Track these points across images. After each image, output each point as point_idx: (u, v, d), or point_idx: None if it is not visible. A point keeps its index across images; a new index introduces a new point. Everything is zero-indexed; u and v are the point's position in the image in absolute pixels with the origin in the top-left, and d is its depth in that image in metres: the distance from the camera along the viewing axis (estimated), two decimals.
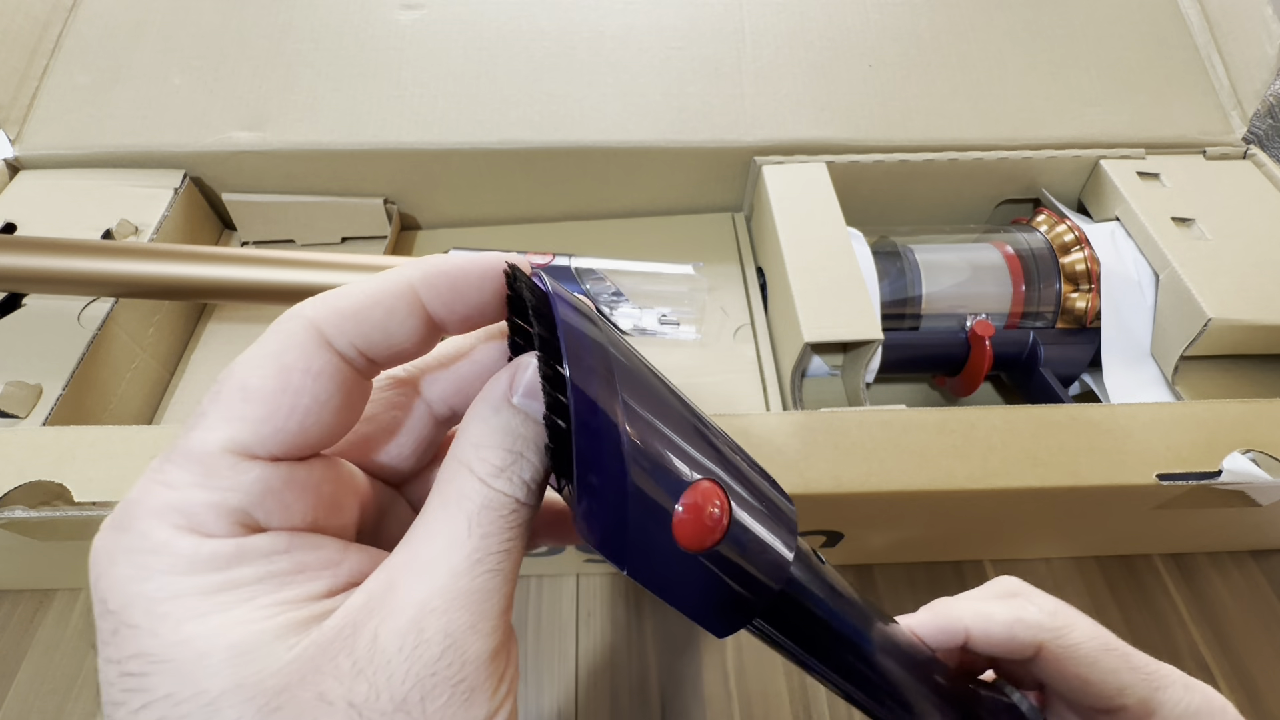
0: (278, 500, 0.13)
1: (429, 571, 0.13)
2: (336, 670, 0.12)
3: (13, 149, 0.44)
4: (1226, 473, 0.31)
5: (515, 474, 0.14)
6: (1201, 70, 0.48)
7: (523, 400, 0.14)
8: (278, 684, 0.11)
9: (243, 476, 0.13)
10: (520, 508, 0.14)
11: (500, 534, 0.13)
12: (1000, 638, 0.20)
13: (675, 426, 0.15)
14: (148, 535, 0.12)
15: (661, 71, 0.47)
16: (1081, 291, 0.43)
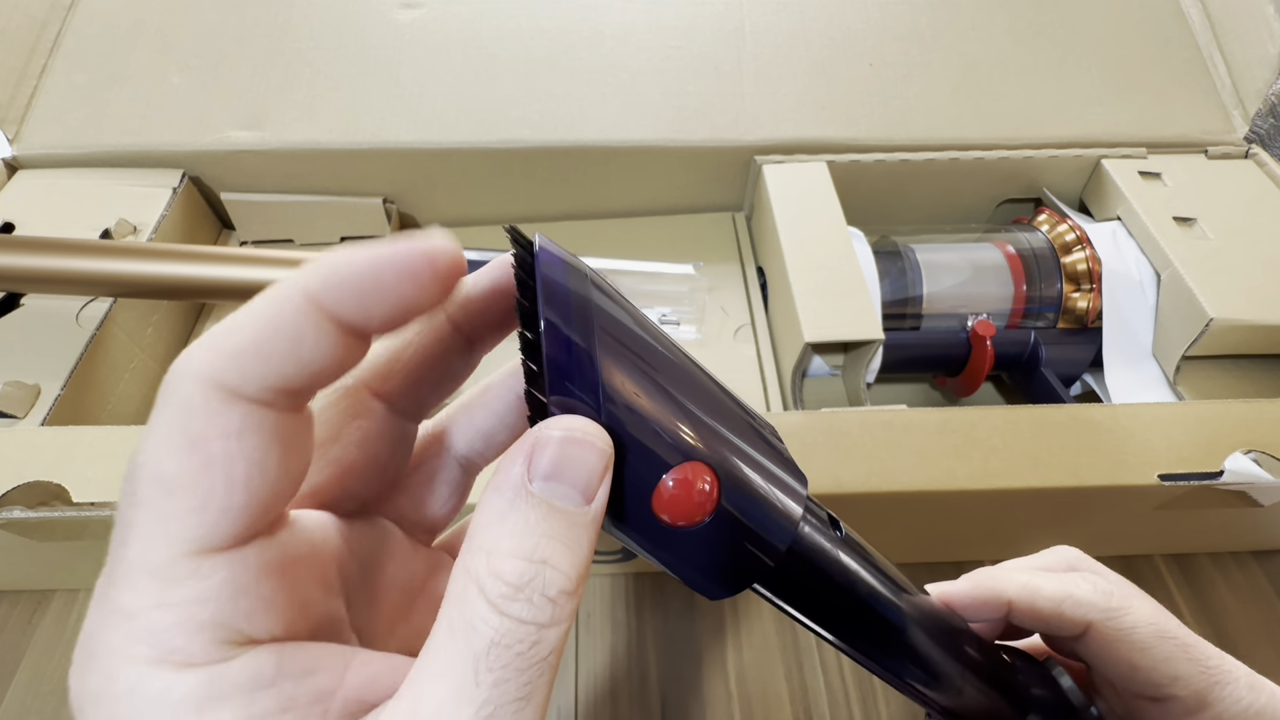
0: (255, 596, 0.11)
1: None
2: None
3: (11, 148, 0.44)
4: (1228, 473, 0.31)
5: (538, 591, 0.11)
6: (1203, 69, 0.48)
7: (543, 487, 0.12)
8: None
9: (209, 580, 0.10)
10: (546, 633, 0.11)
11: (519, 677, 0.11)
12: (1047, 614, 0.19)
13: (668, 403, 0.13)
14: (113, 678, 0.10)
15: (661, 71, 0.47)
16: (1083, 291, 0.43)
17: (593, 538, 0.12)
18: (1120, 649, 0.18)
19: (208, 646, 0.10)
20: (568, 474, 0.12)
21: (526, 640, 0.11)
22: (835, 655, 0.38)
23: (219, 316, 0.47)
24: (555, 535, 0.11)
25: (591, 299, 0.13)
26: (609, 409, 0.13)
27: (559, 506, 0.12)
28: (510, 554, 0.11)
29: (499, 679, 0.11)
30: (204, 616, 0.10)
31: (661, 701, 0.37)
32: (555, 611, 0.11)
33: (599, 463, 0.12)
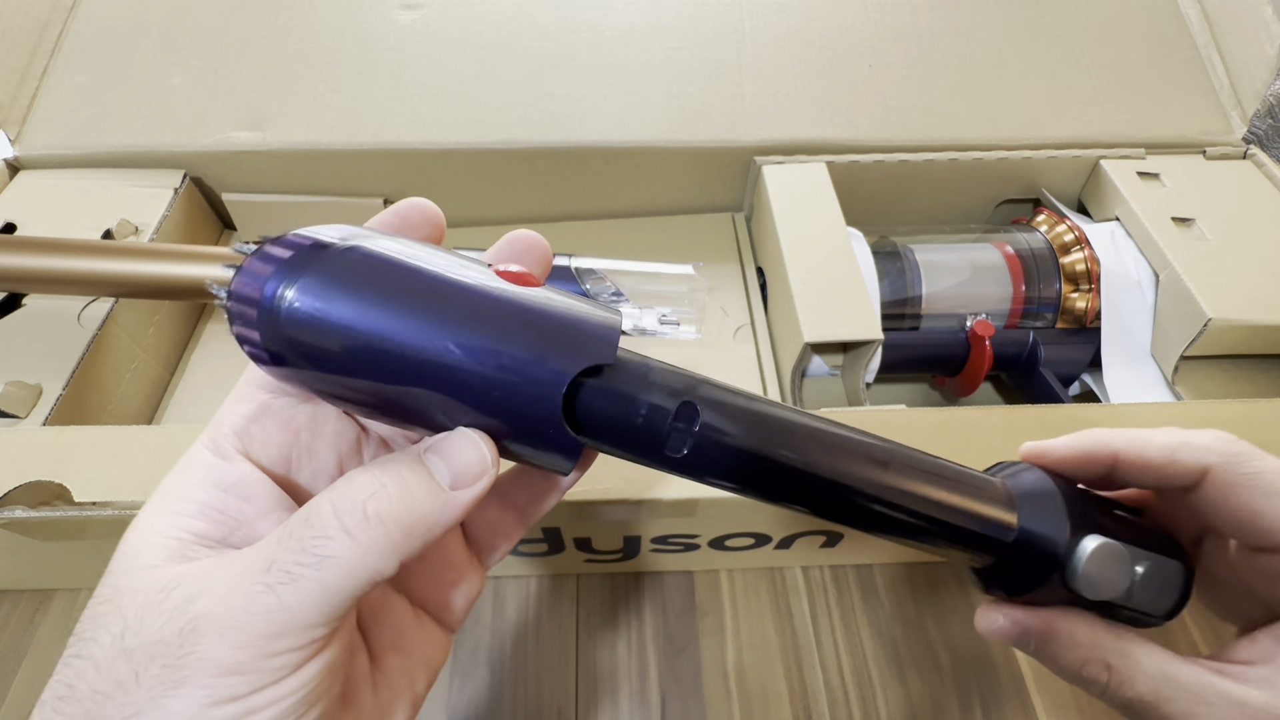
0: (262, 430, 0.16)
1: (238, 559, 0.14)
2: (139, 600, 0.14)
3: (13, 149, 0.44)
4: None
5: (359, 498, 0.14)
6: (1201, 70, 0.48)
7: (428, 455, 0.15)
8: (122, 583, 0.14)
9: (247, 403, 0.16)
10: (340, 536, 0.14)
11: (296, 553, 0.13)
12: (1157, 460, 0.18)
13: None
14: (189, 450, 0.16)
15: (661, 71, 0.47)
16: (1081, 291, 0.43)
17: (435, 512, 0.15)
18: (1242, 494, 0.17)
19: (223, 446, 0.16)
20: (448, 456, 0.15)
21: (323, 529, 0.14)
22: (835, 654, 0.38)
23: (220, 317, 0.48)
24: (406, 480, 0.15)
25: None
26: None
27: (429, 469, 0.15)
28: (370, 472, 0.15)
29: (287, 546, 0.14)
30: (235, 424, 0.17)
31: (661, 701, 0.37)
32: (359, 525, 0.14)
33: (475, 465, 0.15)
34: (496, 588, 0.40)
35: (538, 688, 0.37)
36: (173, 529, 0.15)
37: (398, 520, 0.14)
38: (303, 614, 0.13)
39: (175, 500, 0.15)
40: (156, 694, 0.13)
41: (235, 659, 0.13)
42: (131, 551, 0.15)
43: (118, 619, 0.14)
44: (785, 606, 0.40)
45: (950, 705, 0.37)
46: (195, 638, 0.13)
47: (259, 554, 0.14)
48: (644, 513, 0.32)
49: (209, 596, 0.13)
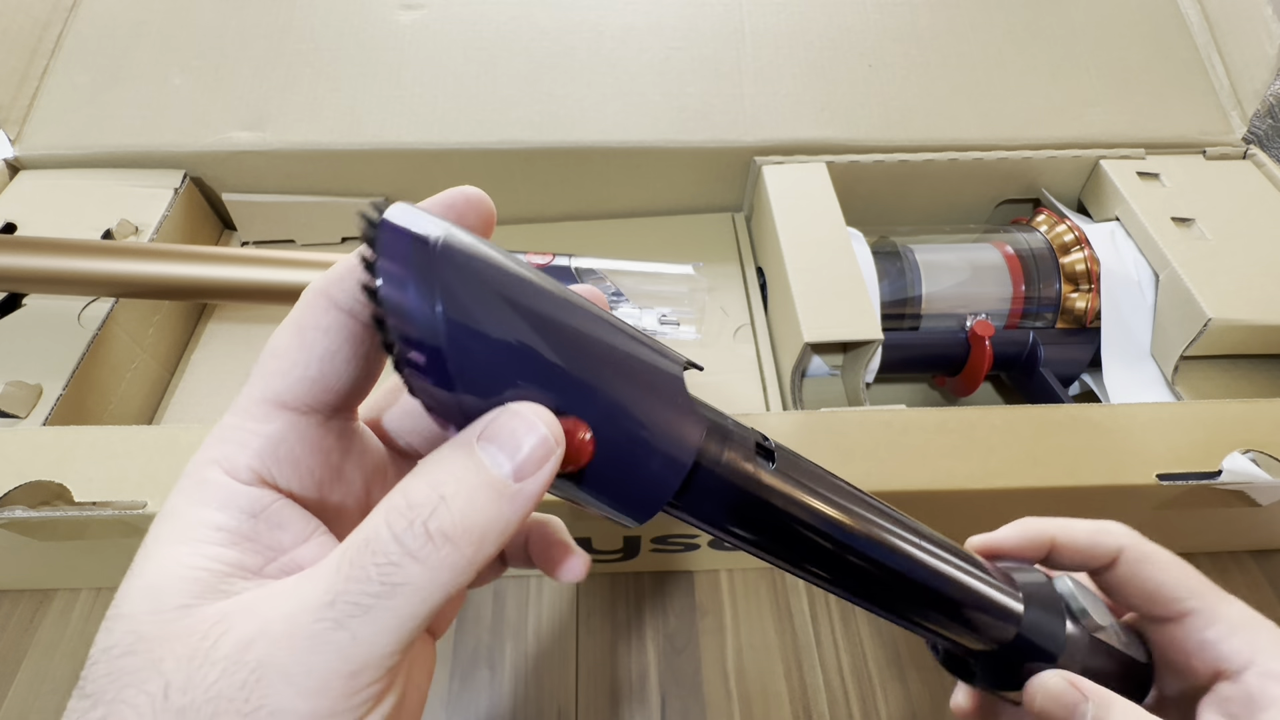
0: (289, 453, 0.14)
1: (290, 595, 0.12)
2: (178, 650, 0.12)
3: (13, 149, 0.44)
4: (1226, 473, 0.31)
5: (421, 518, 0.12)
6: (1201, 70, 0.48)
7: (481, 446, 0.13)
8: (149, 631, 0.12)
9: (270, 424, 0.14)
10: (406, 561, 0.12)
11: (366, 585, 0.12)
12: (1084, 544, 0.22)
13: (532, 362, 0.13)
14: (192, 467, 0.14)
15: (661, 71, 0.47)
16: (1081, 291, 0.43)
17: (505, 512, 0.13)
18: (1146, 568, 0.21)
19: (241, 469, 0.14)
20: (504, 443, 0.13)
21: (389, 557, 0.12)
22: (835, 654, 0.38)
23: (220, 317, 0.48)
24: (466, 483, 0.13)
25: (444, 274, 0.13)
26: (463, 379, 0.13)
27: (486, 464, 0.13)
28: (424, 479, 0.13)
29: (351, 577, 0.12)
30: (254, 445, 0.14)
31: (661, 701, 0.37)
32: (425, 546, 0.12)
33: (539, 449, 0.13)
34: (496, 588, 0.40)
35: (538, 688, 0.37)
36: (200, 559, 0.13)
37: (467, 534, 0.12)
38: (379, 646, 0.12)
39: (197, 528, 0.13)
40: None
41: (312, 707, 0.12)
42: (150, 589, 0.13)
43: (154, 675, 0.12)
44: (785, 606, 0.40)
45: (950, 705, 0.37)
46: (262, 689, 0.12)
47: (315, 587, 0.12)
48: None
49: (266, 641, 0.12)
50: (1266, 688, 0.20)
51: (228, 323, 0.47)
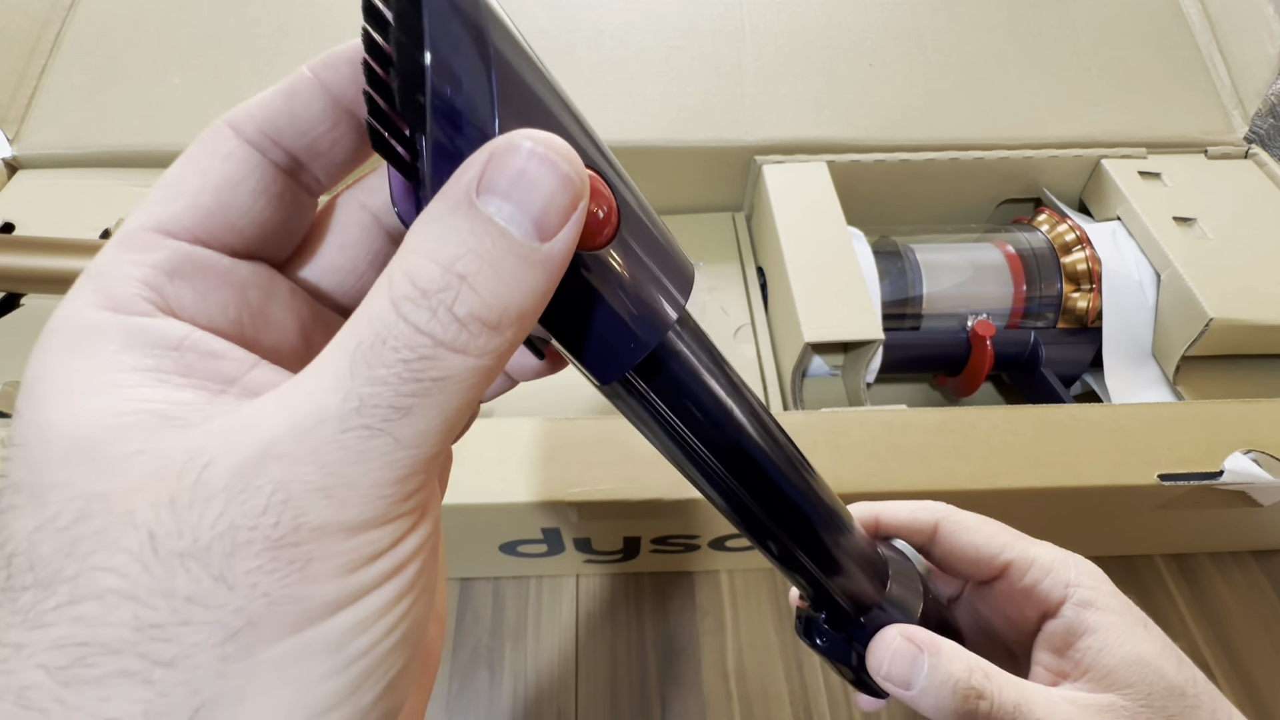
0: (191, 285, 0.12)
1: (290, 411, 0.10)
2: (154, 493, 0.10)
3: (11, 148, 0.44)
4: (1228, 473, 0.31)
5: (445, 304, 0.10)
6: (1203, 69, 0.48)
7: (490, 201, 0.11)
8: (100, 488, 0.10)
9: (155, 252, 0.12)
10: (444, 353, 0.10)
11: (400, 385, 0.10)
12: (904, 518, 0.24)
13: (563, 119, 0.12)
14: (60, 316, 0.11)
15: (661, 71, 0.47)
16: (1083, 291, 0.43)
17: (538, 282, 0.11)
18: (961, 534, 0.23)
19: (136, 301, 0.11)
20: (521, 196, 0.11)
21: (417, 351, 0.10)
22: None
23: None
24: (486, 256, 0.10)
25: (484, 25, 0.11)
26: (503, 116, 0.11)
27: (501, 227, 0.11)
28: (430, 256, 0.10)
29: (375, 378, 0.10)
30: (139, 276, 0.12)
31: (662, 701, 0.37)
32: (460, 335, 0.10)
33: (563, 195, 0.11)
34: (496, 588, 0.40)
35: (538, 688, 0.37)
36: (122, 404, 0.11)
37: (504, 316, 0.11)
38: (426, 445, 0.11)
39: (94, 373, 0.11)
40: (270, 588, 0.10)
41: (367, 515, 0.10)
42: (84, 447, 0.10)
43: (127, 530, 0.10)
44: (786, 607, 0.39)
45: None
46: (294, 509, 0.10)
47: (327, 397, 0.10)
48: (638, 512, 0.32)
49: (280, 462, 0.10)
50: (1081, 616, 0.21)
51: None
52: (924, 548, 0.24)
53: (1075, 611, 0.21)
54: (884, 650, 0.20)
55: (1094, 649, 0.20)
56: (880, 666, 0.20)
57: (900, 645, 0.20)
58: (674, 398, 0.15)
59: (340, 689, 0.10)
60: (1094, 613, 0.21)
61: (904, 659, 0.20)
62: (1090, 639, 0.20)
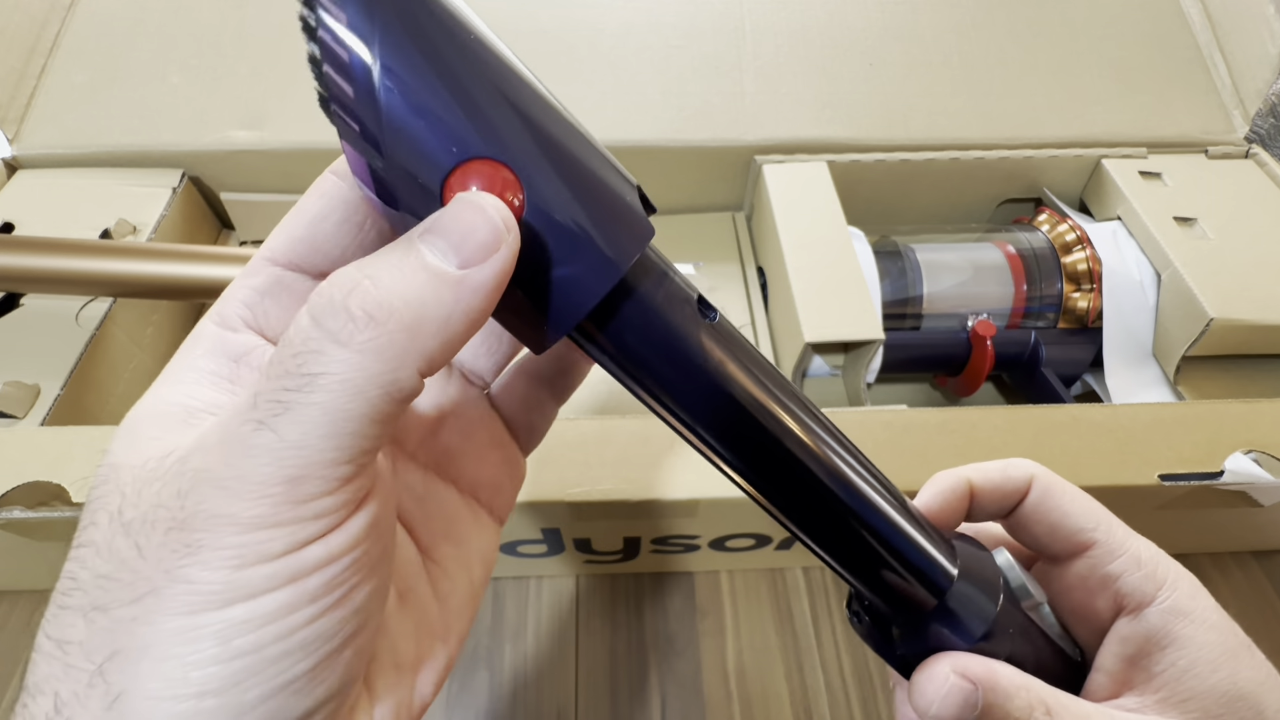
0: (278, 303, 0.15)
1: (231, 404, 0.13)
2: (136, 473, 0.12)
3: (10, 148, 0.44)
4: (1228, 473, 0.31)
5: (341, 300, 0.12)
6: (1203, 69, 0.48)
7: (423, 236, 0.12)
8: (123, 459, 0.13)
9: (257, 276, 0.15)
10: (327, 346, 0.11)
11: (283, 376, 0.11)
12: (998, 479, 0.20)
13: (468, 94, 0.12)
14: (196, 328, 0.15)
15: (661, 70, 0.47)
16: (1083, 291, 0.43)
17: (450, 301, 0.12)
18: (1053, 498, 0.20)
19: (233, 317, 0.15)
20: (445, 229, 0.12)
21: (307, 345, 0.11)
22: (836, 655, 0.38)
23: None
24: (398, 266, 0.12)
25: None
26: (386, 83, 0.12)
27: (423, 251, 0.12)
28: (355, 266, 0.12)
29: (272, 373, 0.11)
30: (240, 297, 0.15)
31: (662, 701, 0.37)
32: (346, 327, 0.11)
33: (487, 234, 0.12)
34: (496, 589, 0.40)
35: (538, 689, 0.37)
36: (177, 397, 0.13)
37: (395, 315, 0.11)
38: (313, 448, 0.11)
39: (183, 371, 0.14)
40: (170, 564, 0.11)
41: (254, 512, 0.11)
42: (131, 425, 0.13)
43: (115, 495, 0.12)
44: (786, 607, 0.39)
45: None
46: (196, 496, 0.11)
47: (246, 393, 0.12)
48: (639, 513, 0.32)
49: (200, 451, 0.12)
50: (1170, 625, 0.18)
51: None
52: (1006, 515, 0.21)
53: (1164, 619, 0.18)
54: (930, 688, 0.17)
55: (1178, 667, 0.18)
56: (928, 707, 0.17)
57: (952, 685, 0.17)
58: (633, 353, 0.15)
59: (222, 678, 0.11)
60: (1188, 625, 0.18)
61: (954, 700, 0.17)
62: (1176, 654, 0.18)
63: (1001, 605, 0.18)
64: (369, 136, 0.12)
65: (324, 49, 0.12)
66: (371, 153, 0.13)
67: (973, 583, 0.18)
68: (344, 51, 0.12)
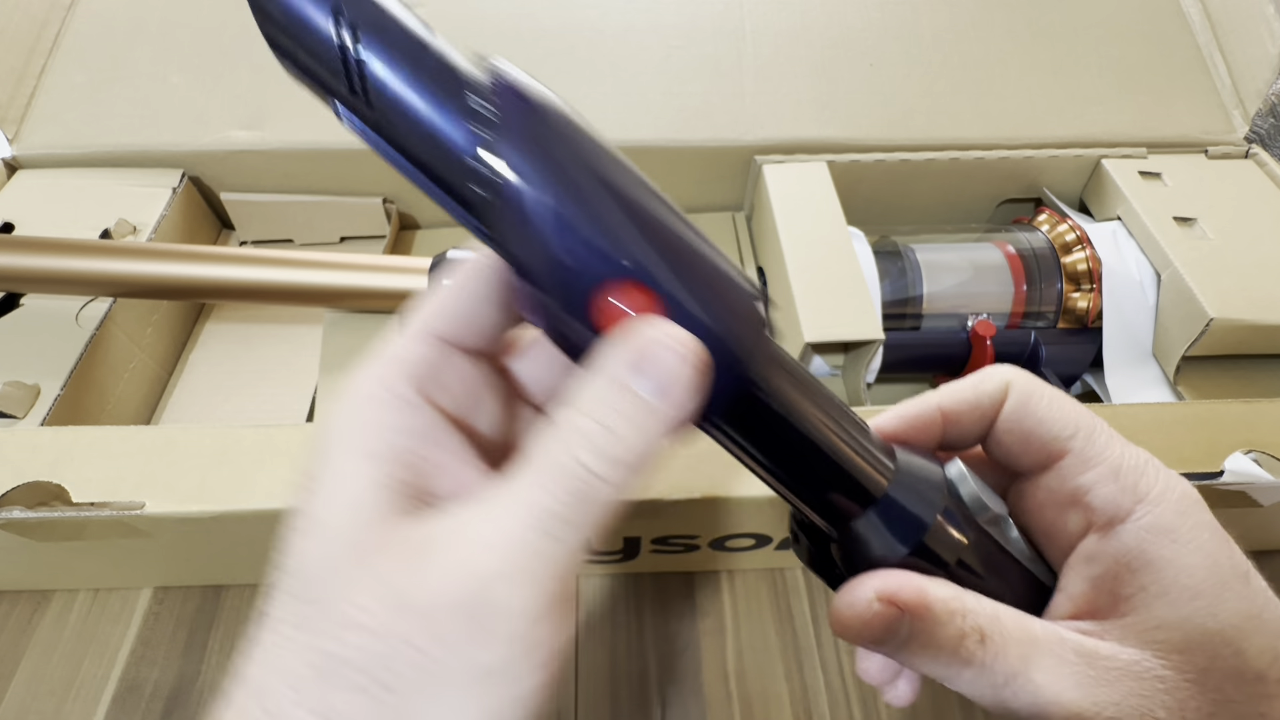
0: (442, 376, 0.16)
1: (491, 512, 0.14)
2: (398, 557, 0.13)
3: (10, 148, 0.44)
4: (1228, 473, 0.31)
5: (598, 447, 0.14)
6: (1203, 69, 0.48)
7: (629, 375, 0.14)
8: (361, 540, 0.14)
9: (422, 347, 0.16)
10: (596, 483, 0.14)
11: (567, 501, 0.14)
12: (968, 395, 0.19)
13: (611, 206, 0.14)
14: (357, 387, 0.16)
15: (662, 70, 0.47)
16: (1083, 291, 0.43)
17: (663, 429, 0.14)
18: (1031, 404, 0.18)
19: (406, 389, 0.16)
20: (652, 371, 0.14)
21: (580, 478, 0.14)
22: (836, 655, 0.38)
23: (219, 317, 0.47)
24: (624, 413, 0.14)
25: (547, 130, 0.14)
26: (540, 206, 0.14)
27: (633, 392, 0.14)
28: (588, 414, 0.14)
29: (551, 495, 0.14)
30: (413, 368, 0.16)
31: (662, 701, 0.37)
32: (609, 469, 0.14)
33: (679, 368, 0.14)
34: None
35: None
36: (386, 477, 0.14)
37: (641, 460, 0.14)
38: (578, 550, 0.14)
39: (378, 445, 0.15)
40: (464, 651, 0.13)
41: (532, 605, 0.13)
42: (351, 503, 0.14)
43: (376, 582, 0.13)
44: (786, 608, 0.39)
45: (951, 706, 0.37)
46: (491, 592, 0.13)
47: (521, 507, 0.14)
48: (643, 513, 0.32)
49: (485, 552, 0.13)
50: (1146, 544, 0.16)
51: (226, 323, 0.47)
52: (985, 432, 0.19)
53: (1139, 537, 0.16)
54: (849, 614, 0.16)
55: (1149, 592, 0.16)
56: (844, 633, 0.16)
57: (875, 612, 0.16)
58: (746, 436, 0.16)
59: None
60: (1167, 546, 0.16)
61: (876, 626, 0.16)
62: (1149, 577, 0.16)
63: (944, 516, 0.16)
64: (521, 262, 0.14)
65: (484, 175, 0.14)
66: (526, 272, 0.14)
67: (909, 489, 0.17)
68: (499, 177, 0.13)
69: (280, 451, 0.30)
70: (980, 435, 0.19)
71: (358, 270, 0.40)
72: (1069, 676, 0.15)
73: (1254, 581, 0.16)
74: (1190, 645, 0.15)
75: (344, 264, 0.40)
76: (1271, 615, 0.15)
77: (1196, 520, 0.16)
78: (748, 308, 0.15)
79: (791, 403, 0.16)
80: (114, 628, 0.37)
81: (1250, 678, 0.15)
